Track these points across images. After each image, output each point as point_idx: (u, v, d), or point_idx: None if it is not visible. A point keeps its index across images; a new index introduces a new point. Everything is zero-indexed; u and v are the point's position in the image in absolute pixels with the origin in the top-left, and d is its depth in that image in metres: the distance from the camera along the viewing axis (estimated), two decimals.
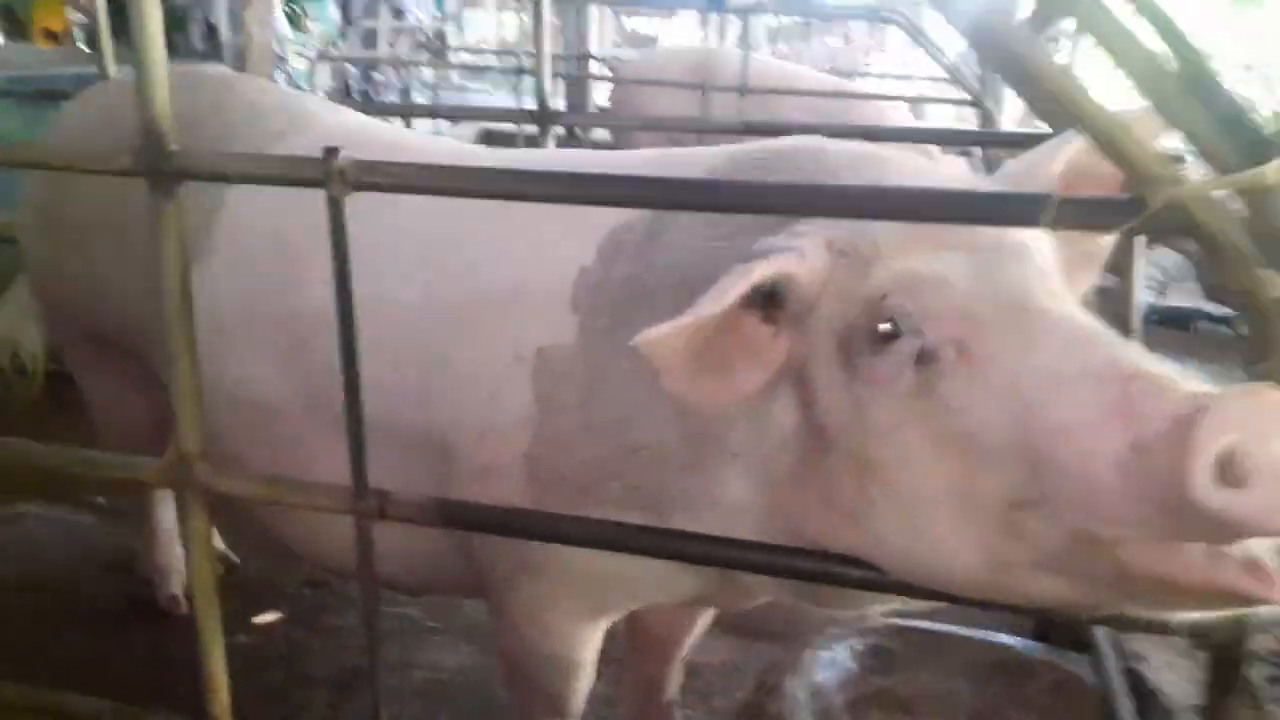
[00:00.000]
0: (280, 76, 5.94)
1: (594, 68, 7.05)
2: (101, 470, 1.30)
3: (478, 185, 1.03)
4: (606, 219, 1.26)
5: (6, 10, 10.68)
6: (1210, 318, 5.74)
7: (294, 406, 1.47)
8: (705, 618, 1.77)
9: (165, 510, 2.28)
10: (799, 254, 0.97)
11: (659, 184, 1.02)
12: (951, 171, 1.25)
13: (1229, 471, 0.72)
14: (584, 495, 1.23)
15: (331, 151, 1.01)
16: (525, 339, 1.26)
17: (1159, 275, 5.05)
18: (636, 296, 1.19)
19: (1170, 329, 4.51)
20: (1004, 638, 1.90)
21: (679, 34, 12.74)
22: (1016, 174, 1.11)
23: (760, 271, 0.94)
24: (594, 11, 9.00)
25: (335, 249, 1.05)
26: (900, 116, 5.15)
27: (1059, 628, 2.01)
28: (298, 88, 5.55)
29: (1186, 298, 4.86)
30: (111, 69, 2.50)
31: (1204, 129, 0.79)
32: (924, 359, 0.92)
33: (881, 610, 1.23)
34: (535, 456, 1.26)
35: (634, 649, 1.83)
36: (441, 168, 1.04)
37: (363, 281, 1.07)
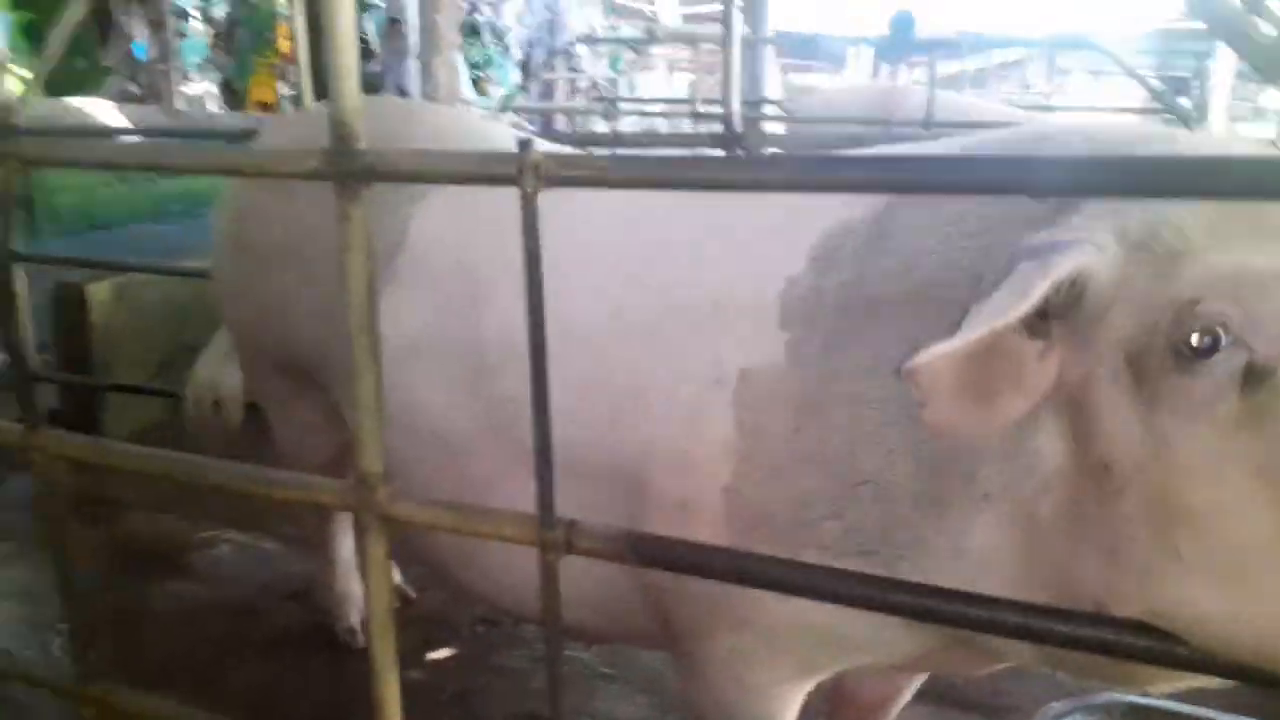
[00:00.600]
0: None
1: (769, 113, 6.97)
2: (280, 491, 1.24)
3: (681, 175, 0.92)
4: (818, 222, 1.12)
5: (225, 84, 11.80)
6: None
7: (480, 441, 1.41)
8: (915, 684, 1.57)
9: (345, 540, 2.28)
10: (1095, 247, 0.79)
11: (901, 163, 0.87)
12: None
13: None
14: (792, 537, 1.08)
15: (525, 145, 0.92)
16: (726, 360, 1.14)
17: None
18: (857, 308, 1.05)
19: None
20: None
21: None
22: None
23: (1060, 269, 0.78)
24: (771, 68, 9.02)
25: (527, 250, 0.95)
26: None
27: None
28: None
29: None
30: None
31: None
32: (1253, 378, 0.74)
33: (1169, 688, 1.01)
34: (737, 491, 1.13)
35: (836, 714, 1.65)
36: (642, 158, 0.93)
37: (551, 306, 0.97)
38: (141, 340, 3.68)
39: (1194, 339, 0.76)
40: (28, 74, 3.88)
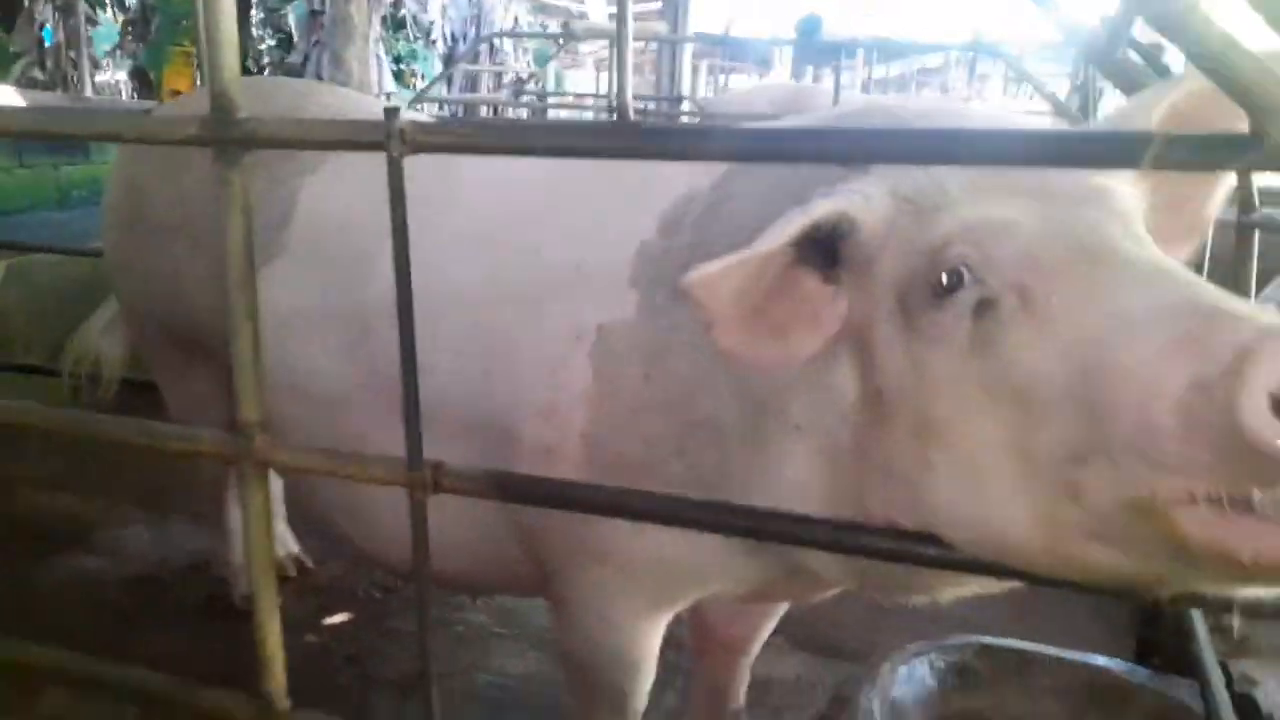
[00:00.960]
0: None
1: (685, 109, 7.12)
2: (164, 443, 1.31)
3: (539, 141, 1.01)
4: (668, 191, 1.24)
5: (140, 72, 11.50)
6: None
7: (358, 398, 1.48)
8: (770, 622, 1.70)
9: (238, 512, 2.33)
10: (863, 196, 0.92)
11: (718, 134, 0.98)
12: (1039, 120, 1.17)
13: None
14: (644, 475, 1.19)
15: (392, 112, 1.01)
16: (585, 317, 1.25)
17: None
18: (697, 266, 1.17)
19: None
20: (1099, 659, 1.77)
21: None
22: (1117, 120, 1.03)
23: (819, 210, 0.90)
24: (689, 68, 9.16)
25: (394, 213, 1.04)
26: None
27: (1162, 651, 1.88)
28: None
29: None
30: None
31: None
32: (983, 308, 0.86)
33: (952, 594, 1.14)
34: (594, 436, 1.24)
35: (701, 657, 1.77)
36: (502, 126, 1.03)
37: (425, 268, 1.06)
38: (36, 322, 3.64)
39: (943, 277, 0.88)
40: None
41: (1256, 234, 1.80)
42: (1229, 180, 1.06)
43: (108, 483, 2.96)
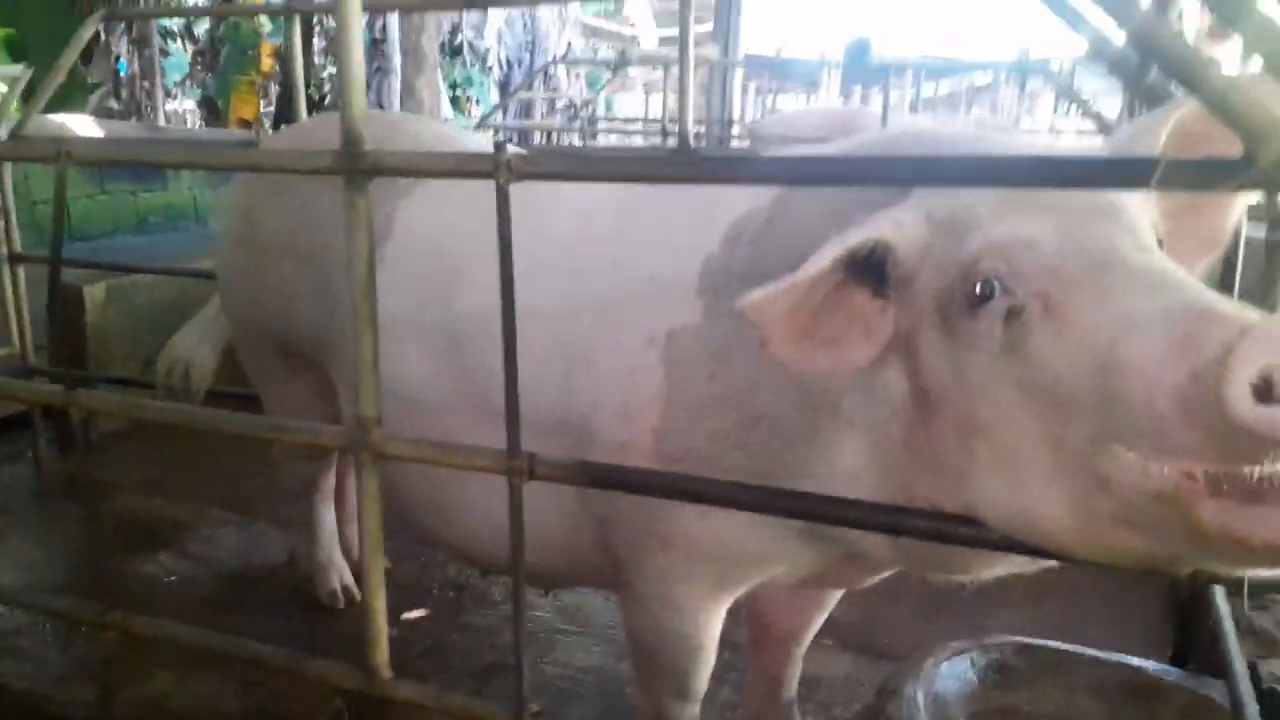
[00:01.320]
0: None
1: (735, 132, 7.31)
2: (289, 436, 1.48)
3: (624, 170, 1.18)
4: (732, 208, 1.38)
5: (208, 101, 11.99)
6: None
7: (452, 402, 1.63)
8: (821, 614, 1.83)
9: (326, 513, 2.51)
10: (895, 223, 1.05)
11: (768, 163, 1.14)
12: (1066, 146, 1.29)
13: (1270, 391, 0.76)
14: (708, 466, 1.32)
15: (500, 147, 1.18)
16: (657, 323, 1.38)
17: None
18: (755, 277, 1.29)
19: None
20: (1134, 659, 1.86)
21: None
22: (1125, 140, 1.15)
23: (856, 238, 1.03)
24: (738, 90, 9.34)
25: (501, 233, 1.20)
26: None
27: (1197, 654, 1.96)
28: None
29: None
30: None
31: None
32: (1012, 315, 0.98)
33: (988, 574, 1.26)
34: (664, 432, 1.37)
35: (756, 646, 1.90)
36: (593, 157, 1.19)
37: (516, 283, 1.20)
38: (130, 339, 3.89)
39: (976, 289, 1.01)
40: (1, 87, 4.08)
41: None
42: (1241, 196, 1.17)
43: (197, 488, 3.17)
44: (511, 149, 1.16)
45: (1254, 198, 1.53)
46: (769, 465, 1.28)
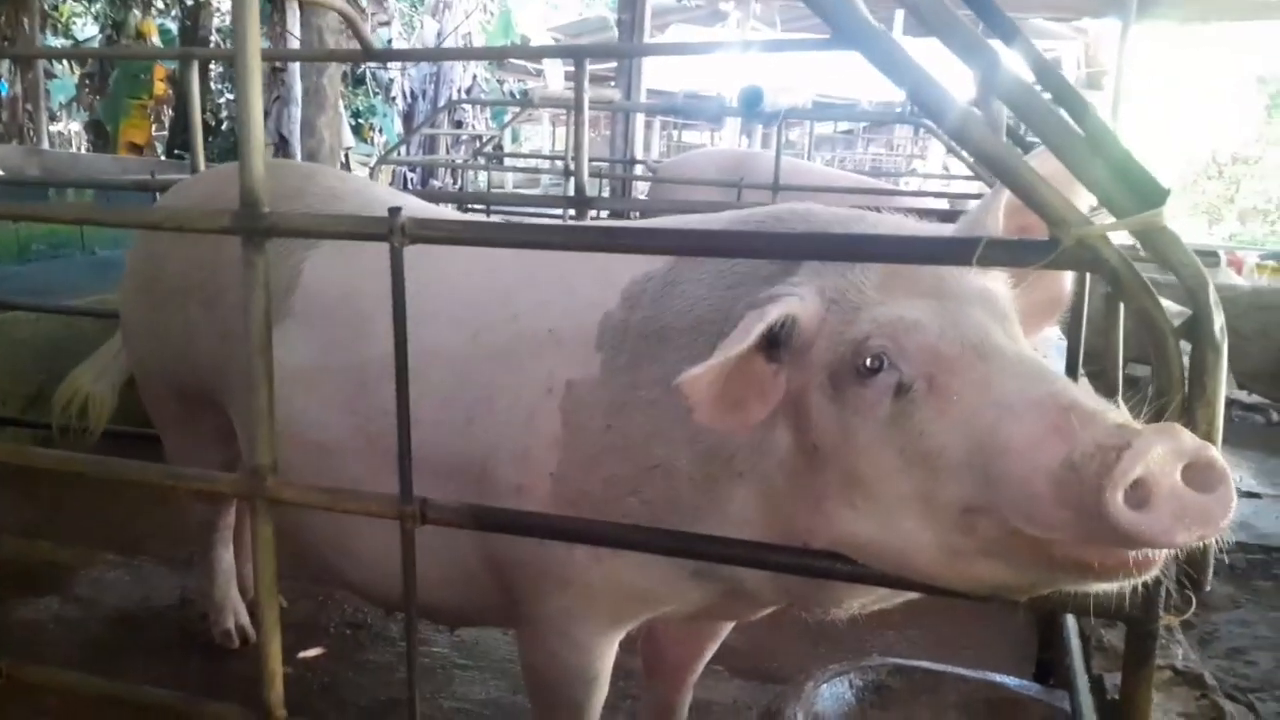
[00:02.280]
0: None
1: (638, 172, 7.44)
2: (186, 483, 1.51)
3: (516, 237, 1.26)
4: (628, 271, 1.46)
5: (96, 124, 11.59)
6: (1243, 406, 5.87)
7: (353, 448, 1.67)
8: (713, 645, 1.92)
9: (224, 553, 2.49)
10: (799, 298, 1.16)
11: (669, 234, 1.23)
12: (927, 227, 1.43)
13: (1134, 494, 0.88)
14: (604, 511, 1.39)
15: (394, 210, 1.24)
16: (557, 374, 1.46)
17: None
18: (654, 336, 1.38)
19: None
20: (997, 677, 2.01)
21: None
22: (972, 216, 1.28)
23: (774, 314, 1.13)
24: (641, 124, 9.51)
25: (395, 293, 1.27)
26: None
27: (1057, 671, 2.12)
28: None
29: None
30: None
31: (1104, 181, 0.95)
32: (901, 391, 1.10)
33: (857, 605, 1.36)
34: (562, 476, 1.44)
35: (651, 675, 1.98)
36: (485, 223, 1.27)
37: (420, 333, 1.26)
38: (13, 375, 3.77)
39: (867, 362, 1.12)
40: None
41: (1121, 306, 2.10)
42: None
43: (83, 530, 3.09)
44: (405, 213, 1.22)
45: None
46: (663, 512, 1.36)
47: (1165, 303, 0.99)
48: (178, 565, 2.82)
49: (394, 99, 12.46)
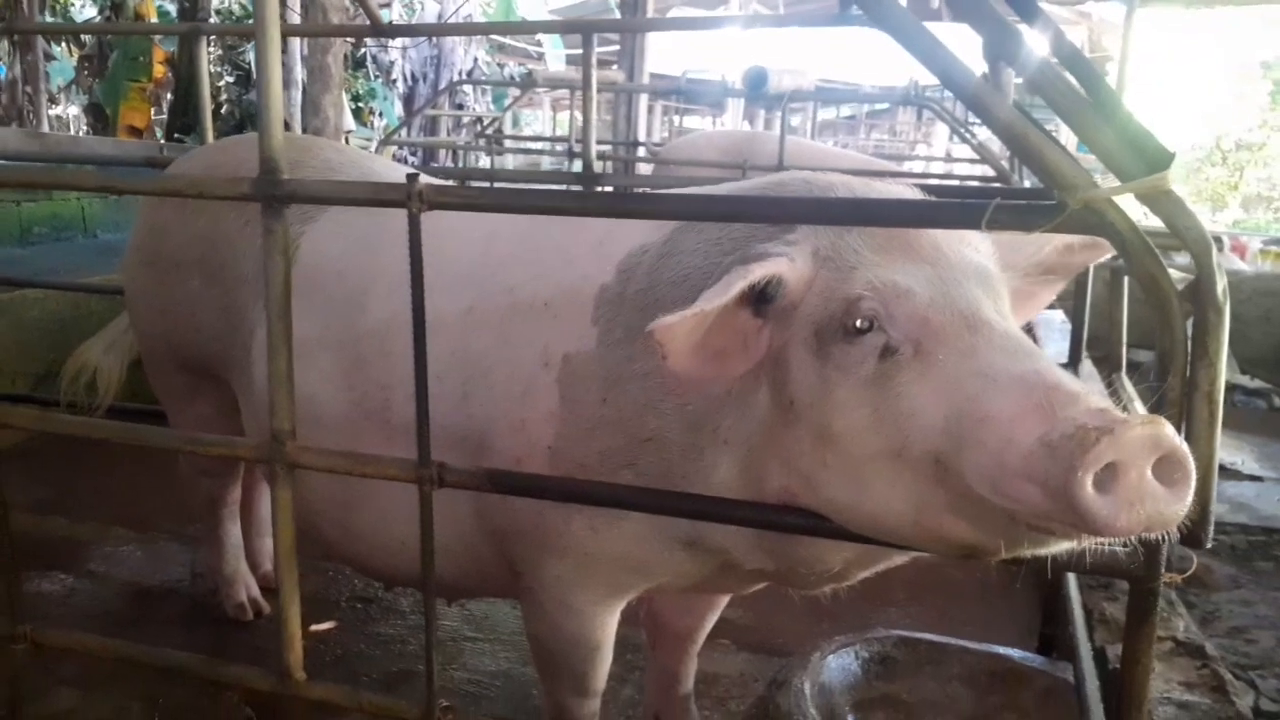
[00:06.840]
0: None
1: (641, 154, 7.43)
2: (206, 449, 1.53)
3: (531, 203, 1.27)
4: (624, 241, 1.47)
5: (96, 107, 11.56)
6: (1245, 390, 5.89)
7: (352, 419, 1.68)
8: (714, 615, 1.95)
9: (232, 527, 2.52)
10: (789, 259, 1.18)
11: (679, 199, 1.25)
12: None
13: (1101, 477, 0.90)
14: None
15: (413, 177, 1.26)
16: (553, 347, 1.47)
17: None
18: (648, 308, 1.38)
19: None
20: (1000, 648, 2.04)
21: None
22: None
23: (758, 272, 1.15)
24: (644, 108, 9.50)
25: (412, 259, 1.28)
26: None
27: (1059, 642, 2.15)
28: None
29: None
30: None
31: (1112, 146, 0.97)
32: (887, 352, 1.12)
33: (842, 560, 1.37)
34: (559, 449, 1.45)
35: (654, 646, 2.00)
36: (502, 190, 1.28)
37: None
38: (22, 354, 3.80)
39: (857, 322, 1.13)
40: None
41: (1126, 280, 2.12)
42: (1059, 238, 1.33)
43: (93, 508, 3.12)
44: (425, 179, 1.24)
45: None
46: (655, 483, 1.38)
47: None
48: (188, 540, 2.85)
49: (394, 81, 12.44)
